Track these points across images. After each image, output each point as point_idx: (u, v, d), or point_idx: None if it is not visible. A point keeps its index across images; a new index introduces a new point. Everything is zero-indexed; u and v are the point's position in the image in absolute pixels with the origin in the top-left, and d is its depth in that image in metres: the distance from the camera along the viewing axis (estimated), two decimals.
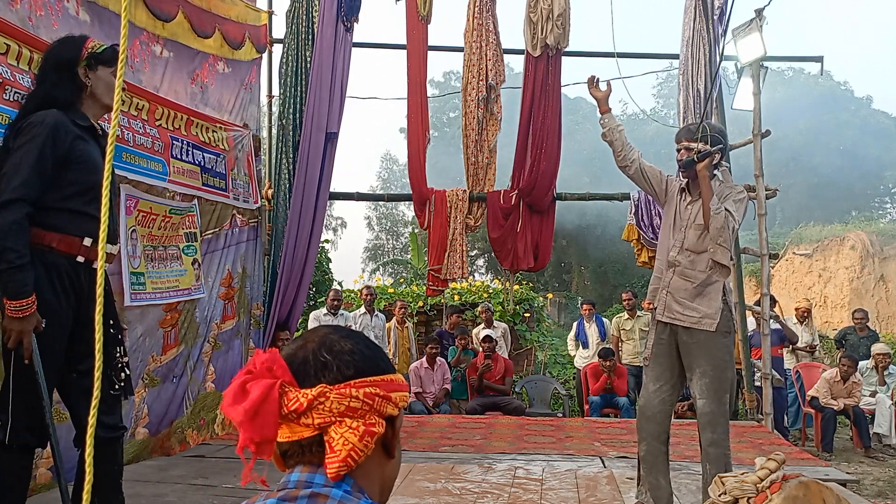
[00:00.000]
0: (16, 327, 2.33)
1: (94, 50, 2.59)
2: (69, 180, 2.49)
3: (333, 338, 0.97)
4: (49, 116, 2.45)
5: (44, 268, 2.45)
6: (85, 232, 2.53)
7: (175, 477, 3.99)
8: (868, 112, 28.69)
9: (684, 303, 3.32)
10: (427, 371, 7.37)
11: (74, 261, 2.53)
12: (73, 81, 2.56)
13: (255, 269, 5.80)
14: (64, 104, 2.53)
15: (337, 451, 0.90)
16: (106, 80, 2.61)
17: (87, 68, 2.57)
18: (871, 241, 15.25)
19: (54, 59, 2.59)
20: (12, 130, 2.50)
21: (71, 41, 2.64)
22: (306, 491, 0.90)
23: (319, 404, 0.89)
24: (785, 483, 2.78)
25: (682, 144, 3.39)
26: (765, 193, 6.08)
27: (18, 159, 2.39)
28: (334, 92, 5.55)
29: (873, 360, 7.48)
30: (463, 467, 4.39)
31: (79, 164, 2.51)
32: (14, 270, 2.32)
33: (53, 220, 2.48)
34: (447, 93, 25.36)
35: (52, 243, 2.47)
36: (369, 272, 25.94)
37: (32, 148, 2.40)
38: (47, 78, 2.57)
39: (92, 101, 2.62)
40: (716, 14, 5.86)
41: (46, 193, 2.44)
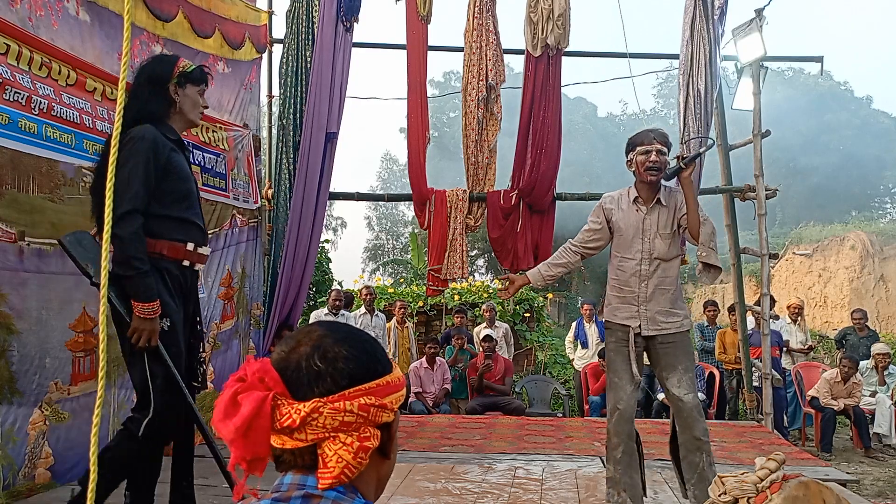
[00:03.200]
0: (147, 327, 2.54)
1: (185, 69, 2.78)
2: (168, 190, 2.68)
3: (328, 342, 0.93)
4: (147, 132, 2.62)
5: (158, 273, 2.65)
6: (188, 237, 2.75)
7: None
8: (868, 112, 28.69)
9: (665, 311, 3.32)
10: (427, 371, 7.37)
11: (181, 265, 2.75)
12: (164, 97, 2.74)
13: (254, 269, 5.79)
14: (156, 118, 2.70)
15: (330, 467, 0.87)
16: (192, 98, 2.81)
17: (177, 85, 2.76)
18: (871, 241, 15.25)
19: (149, 76, 2.75)
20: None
21: (165, 59, 2.83)
22: (300, 492, 0.88)
23: (312, 420, 0.86)
24: (785, 483, 2.78)
25: (654, 147, 3.28)
26: (765, 193, 6.08)
27: (126, 174, 2.54)
28: (334, 92, 5.54)
29: (873, 360, 7.49)
30: (463, 467, 4.38)
31: (175, 174, 2.71)
32: (141, 276, 2.53)
33: (161, 228, 2.67)
34: (447, 93, 25.38)
35: (164, 250, 2.68)
36: (369, 272, 25.97)
37: (138, 162, 2.56)
38: (141, 93, 2.72)
39: (179, 116, 2.81)
40: (716, 14, 5.85)
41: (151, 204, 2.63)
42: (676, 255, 3.36)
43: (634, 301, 3.34)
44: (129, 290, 2.56)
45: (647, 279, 3.31)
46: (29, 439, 3.46)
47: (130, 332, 2.57)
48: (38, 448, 3.52)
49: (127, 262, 2.53)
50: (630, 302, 3.35)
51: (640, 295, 3.32)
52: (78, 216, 3.74)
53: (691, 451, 3.29)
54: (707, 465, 3.26)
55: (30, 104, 3.41)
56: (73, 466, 3.69)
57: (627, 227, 3.37)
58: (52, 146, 3.56)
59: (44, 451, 3.55)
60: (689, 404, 3.28)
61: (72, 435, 3.69)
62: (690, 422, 3.29)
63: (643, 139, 3.33)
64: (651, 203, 3.35)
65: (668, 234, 3.32)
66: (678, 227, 3.34)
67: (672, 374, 3.32)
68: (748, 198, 6.18)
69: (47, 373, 3.57)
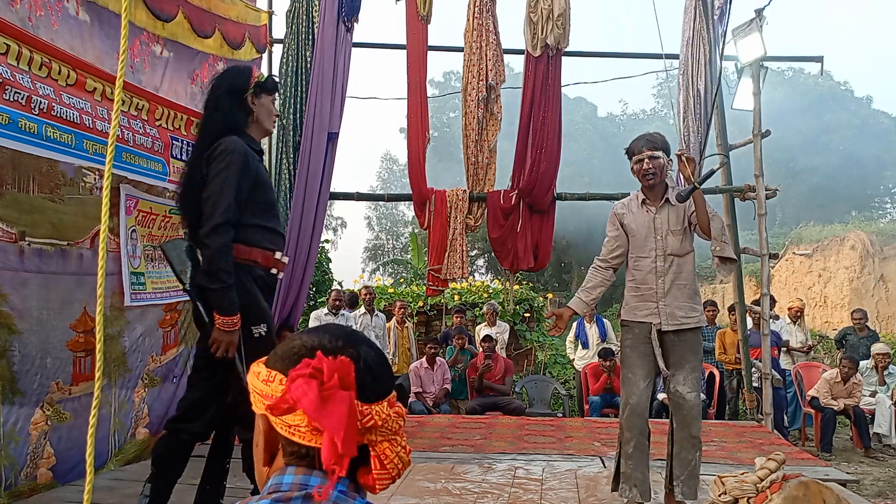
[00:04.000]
0: (226, 339, 2.57)
1: (260, 79, 2.83)
2: (256, 199, 2.73)
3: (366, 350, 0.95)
4: (238, 144, 2.67)
5: (253, 280, 2.70)
6: (275, 246, 2.82)
7: None
8: (868, 112, 28.67)
9: (684, 306, 3.39)
10: (427, 371, 7.37)
11: (269, 272, 2.81)
12: (243, 107, 2.79)
13: None
14: (238, 129, 2.76)
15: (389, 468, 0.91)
16: (267, 107, 2.86)
17: (254, 95, 2.80)
18: (871, 241, 15.25)
19: (228, 87, 2.80)
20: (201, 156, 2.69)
21: (241, 71, 2.89)
22: (301, 493, 0.88)
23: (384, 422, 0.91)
24: (785, 483, 2.78)
25: (645, 154, 3.40)
26: (765, 193, 6.08)
27: (219, 185, 2.60)
28: (335, 92, 5.54)
29: (873, 360, 7.49)
30: (463, 467, 4.38)
31: (262, 184, 2.76)
32: (227, 289, 2.56)
33: (254, 237, 2.73)
34: (447, 93, 25.36)
35: (257, 259, 2.74)
36: (369, 272, 25.96)
37: (230, 174, 2.61)
38: (223, 104, 2.77)
39: (256, 125, 2.85)
40: (716, 14, 5.85)
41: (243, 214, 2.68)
42: (690, 250, 3.43)
43: (653, 298, 3.41)
44: (212, 302, 2.58)
45: (663, 275, 3.40)
46: (30, 439, 3.47)
47: (210, 342, 2.61)
48: (40, 448, 3.53)
49: (214, 275, 2.55)
50: (649, 299, 3.43)
51: (658, 291, 3.40)
52: (78, 216, 3.75)
53: (685, 449, 3.37)
54: (697, 462, 3.37)
55: (30, 104, 3.41)
56: (75, 466, 3.70)
57: (639, 228, 3.47)
58: (52, 146, 3.56)
59: (45, 451, 3.55)
60: (691, 403, 3.35)
61: (73, 435, 3.70)
62: (690, 420, 3.36)
63: (635, 148, 3.48)
64: (660, 203, 3.45)
65: (679, 230, 3.41)
66: (689, 223, 3.41)
67: (679, 372, 3.39)
68: (748, 198, 6.18)
69: (48, 373, 3.58)
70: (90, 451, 1.38)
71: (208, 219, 2.57)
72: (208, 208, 2.58)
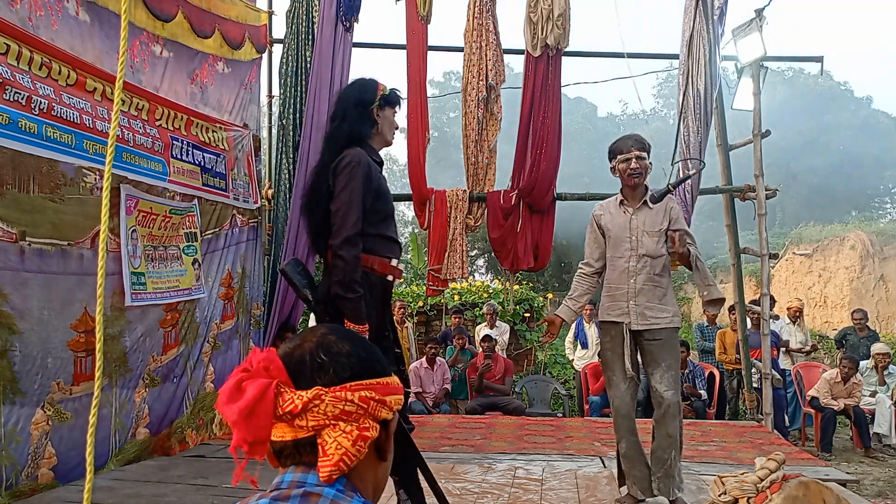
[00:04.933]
0: None
1: (384, 92, 2.94)
2: (377, 209, 2.84)
3: (331, 338, 0.97)
4: (362, 156, 2.78)
5: (367, 287, 2.79)
6: (392, 254, 2.92)
7: (175, 477, 3.99)
8: (868, 112, 28.65)
9: (654, 307, 3.45)
10: (427, 371, 7.37)
11: (385, 279, 2.91)
12: (368, 119, 2.90)
13: (254, 269, 5.80)
14: (362, 140, 2.87)
15: (329, 454, 0.90)
16: (390, 119, 2.97)
17: (378, 108, 2.91)
18: (871, 241, 15.24)
19: (356, 100, 2.90)
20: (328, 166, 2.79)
21: (368, 83, 2.97)
22: (299, 490, 0.90)
23: (314, 407, 0.89)
24: (785, 483, 2.79)
25: (633, 153, 3.47)
26: (765, 193, 6.08)
27: (348, 198, 2.72)
28: (334, 92, 5.54)
29: (873, 360, 7.49)
30: (463, 467, 4.39)
31: (382, 194, 2.87)
32: (359, 299, 2.68)
33: (373, 246, 2.83)
34: (447, 93, 25.35)
35: (375, 266, 2.84)
36: None
37: (357, 187, 2.73)
38: (349, 116, 2.87)
39: (378, 136, 2.96)
40: (716, 14, 5.85)
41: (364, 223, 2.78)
42: (664, 253, 3.48)
43: (624, 297, 3.47)
44: (345, 311, 2.69)
45: (635, 275, 3.45)
46: (31, 439, 3.47)
47: None
48: (41, 448, 3.53)
49: (348, 285, 2.67)
50: (620, 299, 3.49)
51: (630, 291, 3.46)
52: (78, 216, 3.75)
53: (662, 447, 3.40)
54: (674, 461, 3.39)
55: (30, 104, 3.41)
56: (76, 466, 3.70)
57: (615, 228, 3.53)
58: (52, 146, 3.57)
59: (46, 451, 3.56)
60: (668, 401, 3.39)
61: (74, 435, 3.70)
62: (667, 419, 3.40)
63: (622, 147, 3.54)
64: (638, 204, 3.52)
65: (655, 232, 3.47)
66: (666, 230, 3.48)
67: (656, 370, 3.45)
68: (748, 198, 6.18)
69: (49, 373, 3.58)
70: (90, 451, 1.38)
71: (339, 230, 2.70)
72: (338, 220, 2.72)
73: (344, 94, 2.99)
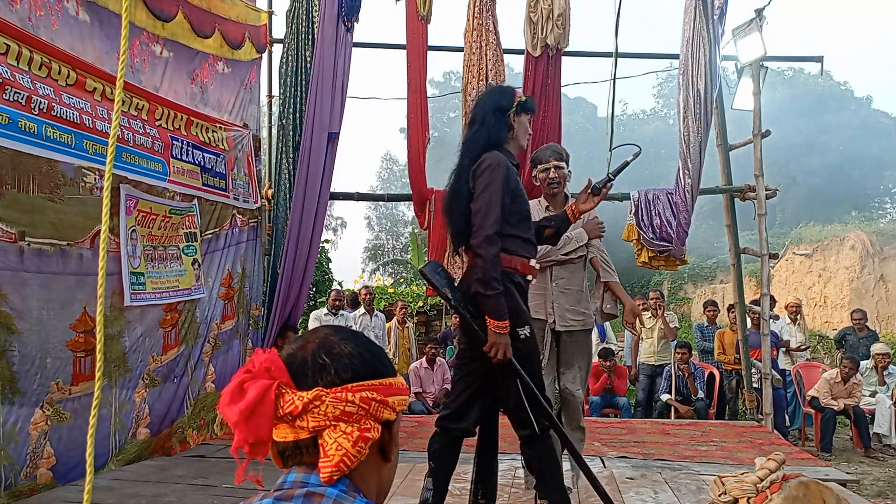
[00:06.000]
0: (503, 342, 2.76)
1: (522, 99, 3.04)
2: (515, 211, 2.92)
3: (334, 339, 0.97)
4: (501, 159, 2.88)
5: (514, 286, 2.89)
6: (530, 254, 3.02)
7: (175, 477, 3.99)
8: (868, 112, 28.64)
9: (573, 309, 3.66)
10: (427, 371, 7.37)
11: (525, 278, 3.00)
12: (505, 125, 2.99)
13: (254, 269, 5.80)
14: (499, 144, 2.97)
15: (330, 455, 0.89)
16: (524, 125, 3.07)
17: (515, 114, 3.01)
18: (871, 241, 15.23)
19: (494, 105, 3.00)
20: (468, 170, 2.91)
21: (507, 91, 3.10)
22: (302, 490, 0.90)
23: (315, 408, 0.89)
24: (785, 483, 2.78)
25: (551, 164, 3.63)
26: (765, 193, 6.08)
27: (487, 199, 2.81)
28: (334, 92, 5.54)
29: (873, 360, 7.48)
30: (463, 467, 4.37)
31: (519, 196, 2.96)
32: (499, 295, 2.75)
33: (514, 246, 2.92)
34: (447, 93, 25.35)
35: (517, 266, 2.93)
36: (369, 272, 25.90)
37: (497, 188, 2.82)
38: (487, 121, 2.98)
39: (513, 141, 3.05)
40: (716, 14, 5.85)
41: (504, 224, 2.87)
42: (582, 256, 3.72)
43: (545, 298, 3.67)
44: (485, 308, 2.77)
45: (557, 279, 3.68)
46: (30, 439, 3.47)
47: (488, 347, 2.77)
48: (40, 448, 3.53)
49: (487, 283, 2.75)
50: (543, 299, 3.67)
51: (551, 293, 3.67)
52: (78, 216, 3.75)
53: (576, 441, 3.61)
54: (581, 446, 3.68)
55: (30, 104, 3.41)
56: (75, 466, 3.70)
57: None
58: (52, 146, 3.57)
59: (45, 451, 3.55)
60: (578, 400, 3.71)
61: (73, 435, 3.70)
62: (578, 415, 3.72)
63: (541, 157, 3.71)
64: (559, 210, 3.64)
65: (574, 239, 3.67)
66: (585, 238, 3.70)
67: (569, 370, 3.69)
68: (748, 198, 6.18)
69: (48, 373, 3.58)
70: (90, 452, 1.38)
71: (479, 230, 2.79)
72: (478, 220, 2.80)
73: (482, 100, 3.09)
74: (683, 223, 5.85)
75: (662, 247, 5.91)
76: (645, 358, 7.80)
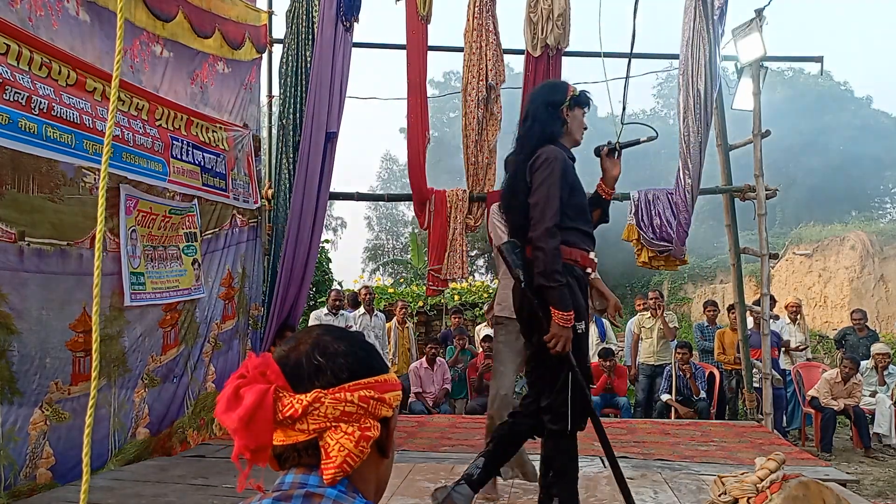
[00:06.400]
0: (565, 334, 2.78)
1: (574, 93, 3.05)
2: (573, 204, 2.94)
3: (327, 339, 0.96)
4: (558, 152, 2.90)
5: (574, 279, 2.90)
6: (589, 246, 3.02)
7: (175, 477, 3.99)
8: (868, 112, 28.63)
9: None
10: (427, 371, 7.37)
11: (584, 271, 3.01)
12: (558, 119, 3.02)
13: (254, 269, 5.80)
14: (553, 138, 2.98)
15: (333, 457, 0.89)
16: (579, 119, 3.07)
17: (568, 108, 3.02)
18: (871, 241, 15.23)
19: (545, 100, 3.03)
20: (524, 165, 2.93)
21: (559, 85, 3.14)
22: (301, 491, 0.90)
23: (314, 410, 0.89)
24: (785, 483, 2.78)
25: None
26: (765, 193, 6.08)
27: (546, 192, 2.83)
28: (334, 92, 5.54)
29: (873, 360, 7.48)
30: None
31: (577, 189, 2.98)
32: (562, 287, 2.77)
33: (573, 239, 2.93)
34: (447, 93, 25.35)
35: (577, 259, 2.95)
36: (369, 272, 25.92)
37: (554, 181, 2.84)
38: (539, 116, 3.01)
39: (568, 135, 3.06)
40: (716, 14, 5.85)
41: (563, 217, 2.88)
42: None
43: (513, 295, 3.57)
44: (549, 299, 2.79)
45: None
46: (30, 439, 3.46)
47: (549, 337, 2.79)
48: (39, 448, 3.52)
49: (550, 275, 2.77)
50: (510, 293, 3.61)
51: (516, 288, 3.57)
52: (78, 216, 3.75)
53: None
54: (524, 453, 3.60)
55: (30, 104, 3.41)
56: (74, 466, 3.70)
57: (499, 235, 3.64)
58: (52, 146, 3.56)
59: (45, 451, 3.55)
60: None
61: (72, 435, 3.70)
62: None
63: None
64: None
65: None
66: None
67: None
68: (748, 198, 6.18)
69: (48, 373, 3.57)
70: (86, 451, 1.38)
71: (538, 223, 2.81)
72: (537, 213, 2.83)
73: (533, 96, 3.12)
74: (683, 223, 5.85)
75: (662, 247, 5.91)
76: (645, 358, 7.79)
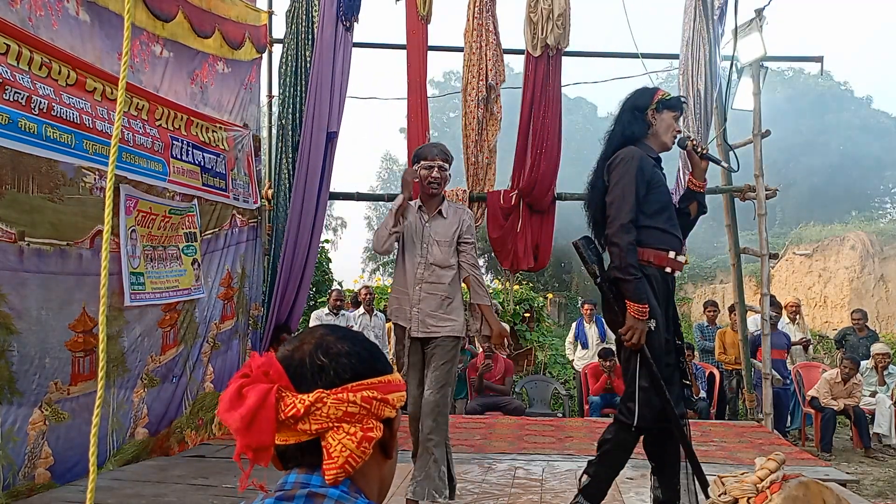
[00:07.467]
0: (639, 327, 2.83)
1: (664, 97, 3.14)
2: (651, 202, 2.99)
3: (330, 339, 0.96)
4: (634, 152, 3.00)
5: (646, 279, 2.93)
6: (669, 246, 3.03)
7: (175, 477, 3.99)
8: (868, 112, 28.63)
9: (436, 315, 3.48)
10: None
11: (664, 271, 3.02)
12: (642, 121, 3.12)
13: (254, 269, 5.79)
14: (635, 139, 3.08)
15: (335, 457, 0.89)
16: (667, 122, 3.14)
17: (655, 111, 3.12)
18: (871, 241, 15.24)
19: (631, 104, 3.15)
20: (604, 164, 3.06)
21: (646, 90, 3.23)
22: (303, 490, 0.90)
23: (317, 410, 0.88)
24: (785, 483, 2.78)
25: (436, 163, 3.51)
26: (765, 193, 6.08)
27: (621, 189, 2.93)
28: (334, 92, 5.54)
29: (873, 360, 7.48)
30: (463, 467, 4.38)
31: (658, 187, 3.02)
32: (637, 281, 2.85)
33: (648, 238, 2.98)
34: (447, 93, 25.33)
35: (650, 258, 2.98)
36: (369, 272, 25.91)
37: (630, 180, 2.93)
38: (622, 118, 3.15)
39: (654, 137, 3.14)
40: (716, 14, 5.85)
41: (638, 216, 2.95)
42: (453, 264, 3.54)
43: (408, 303, 3.52)
44: (625, 292, 2.86)
45: (420, 283, 3.50)
46: (29, 439, 3.46)
47: (624, 330, 2.86)
48: (38, 448, 3.52)
49: (625, 269, 2.85)
50: (404, 304, 3.55)
51: (413, 297, 3.51)
52: (78, 216, 3.75)
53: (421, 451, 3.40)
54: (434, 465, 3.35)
55: (30, 104, 3.41)
56: (73, 466, 3.69)
57: (410, 233, 3.57)
58: (52, 146, 3.56)
59: (43, 451, 3.55)
60: (425, 400, 3.41)
61: (71, 435, 3.69)
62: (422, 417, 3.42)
63: (427, 153, 3.57)
64: (433, 213, 3.58)
65: (445, 242, 3.53)
66: (457, 241, 3.55)
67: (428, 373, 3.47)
68: (748, 198, 6.17)
69: (47, 373, 3.57)
70: (93, 451, 1.37)
71: (614, 220, 2.91)
72: (612, 211, 2.93)
73: (624, 99, 3.22)
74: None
75: None
76: None
